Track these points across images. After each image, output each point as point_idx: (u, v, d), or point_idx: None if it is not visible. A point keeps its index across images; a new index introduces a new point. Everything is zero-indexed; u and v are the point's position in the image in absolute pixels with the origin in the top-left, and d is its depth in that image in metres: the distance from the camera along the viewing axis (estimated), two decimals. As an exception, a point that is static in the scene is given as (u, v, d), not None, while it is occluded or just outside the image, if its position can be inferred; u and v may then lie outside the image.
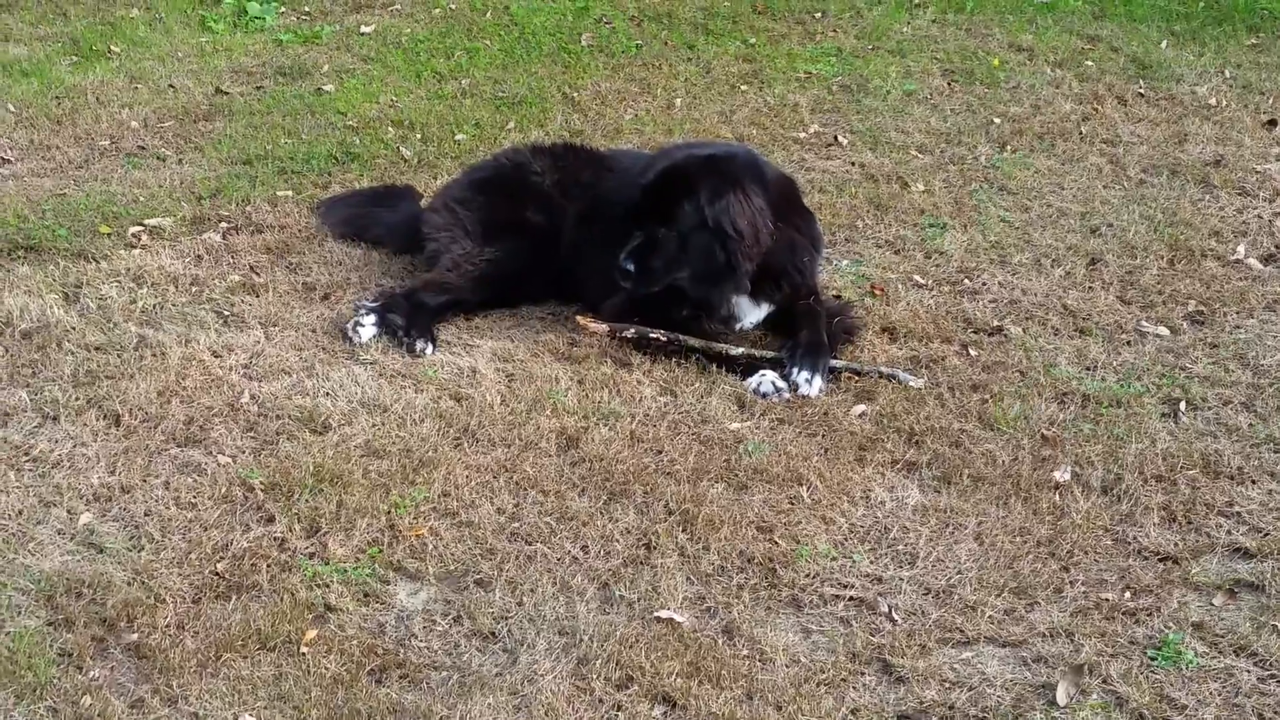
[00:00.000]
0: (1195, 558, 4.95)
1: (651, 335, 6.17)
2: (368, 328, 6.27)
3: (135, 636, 4.53)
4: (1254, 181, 7.93)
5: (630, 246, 6.11)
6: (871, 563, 4.95)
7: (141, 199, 7.62)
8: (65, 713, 4.26)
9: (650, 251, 6.10)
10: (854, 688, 4.41)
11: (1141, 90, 9.30)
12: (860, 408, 5.81)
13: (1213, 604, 4.74)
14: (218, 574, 4.81)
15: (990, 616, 4.67)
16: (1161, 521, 5.13)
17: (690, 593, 4.79)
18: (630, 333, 6.20)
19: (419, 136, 8.56)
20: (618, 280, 6.15)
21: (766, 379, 5.97)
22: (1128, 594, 4.78)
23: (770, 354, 6.15)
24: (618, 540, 5.02)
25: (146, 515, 5.11)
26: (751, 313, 6.36)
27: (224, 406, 5.74)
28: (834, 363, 6.07)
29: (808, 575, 4.87)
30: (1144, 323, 6.46)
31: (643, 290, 6.15)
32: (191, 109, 9.07)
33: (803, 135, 8.66)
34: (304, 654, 4.48)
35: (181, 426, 5.60)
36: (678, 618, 4.65)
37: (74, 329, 6.24)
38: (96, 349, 6.11)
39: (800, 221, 6.42)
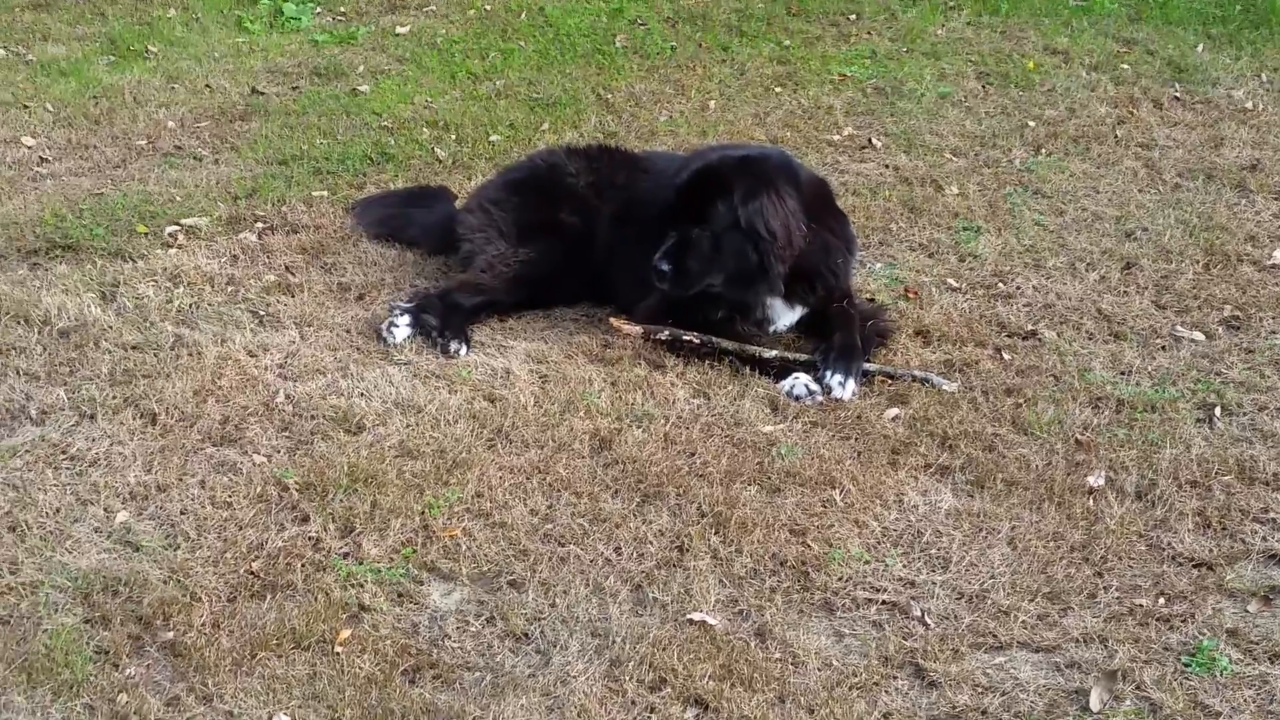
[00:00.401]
0: (1230, 564, 4.93)
1: (685, 337, 6.17)
2: (402, 328, 6.29)
3: (171, 634, 4.56)
4: (1290, 186, 7.90)
5: (665, 247, 6.11)
6: (904, 566, 4.95)
7: (178, 199, 7.66)
8: (101, 710, 4.29)
9: (685, 252, 6.10)
10: (886, 692, 4.41)
11: (1177, 94, 9.27)
12: (893, 411, 5.81)
13: (1247, 610, 4.73)
14: (253, 573, 4.84)
15: (1023, 621, 4.66)
16: (1196, 527, 5.12)
17: (723, 595, 4.79)
18: (664, 335, 6.21)
19: (454, 137, 8.58)
20: (653, 281, 6.15)
21: (800, 381, 5.96)
22: (1162, 600, 4.76)
23: (803, 357, 6.15)
24: (651, 542, 5.02)
25: (182, 514, 5.14)
26: (785, 315, 6.35)
27: (259, 406, 5.77)
28: (867, 366, 6.07)
29: (840, 579, 4.87)
30: (1179, 327, 6.44)
31: (678, 292, 6.15)
32: (228, 109, 9.12)
33: (837, 138, 8.65)
34: (338, 653, 4.50)
35: (217, 426, 5.63)
36: (710, 620, 4.65)
37: (111, 328, 6.28)
38: (133, 348, 6.15)
39: (834, 223, 6.42)
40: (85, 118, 8.91)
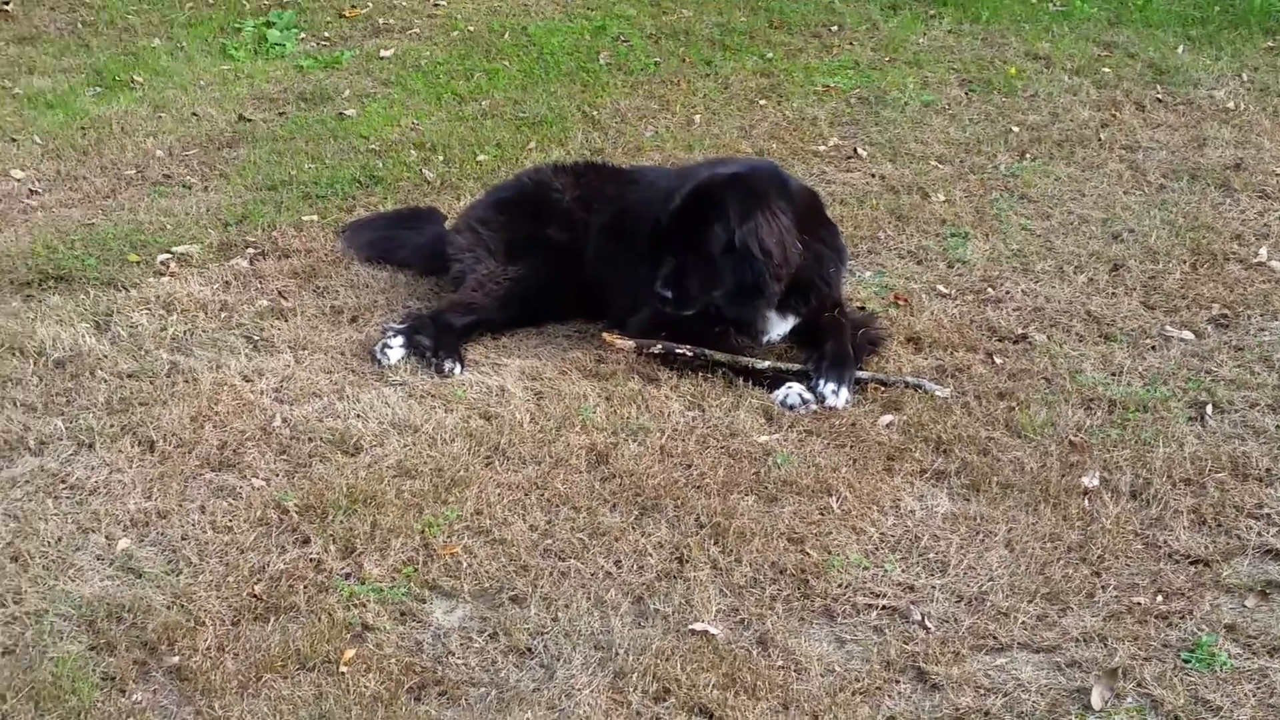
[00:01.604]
0: (1226, 560, 4.97)
1: (678, 351, 6.20)
2: (395, 349, 6.31)
3: (176, 659, 4.58)
4: (1274, 184, 7.93)
5: (664, 273, 6.13)
6: (903, 571, 4.98)
7: (169, 227, 7.68)
8: (109, 736, 4.32)
9: (684, 276, 6.13)
10: (889, 696, 4.44)
11: (1159, 95, 9.32)
12: (887, 418, 5.84)
13: (1245, 606, 4.77)
14: (255, 596, 4.86)
15: (1023, 622, 4.70)
16: (1191, 525, 5.15)
17: (724, 605, 4.82)
18: (657, 348, 6.24)
19: (441, 158, 8.61)
20: (656, 305, 6.18)
21: (793, 391, 5.99)
22: (1159, 597, 4.80)
23: (796, 366, 6.18)
24: (650, 554, 5.05)
25: (183, 539, 5.16)
26: (779, 326, 6.38)
27: (256, 430, 5.79)
28: (860, 374, 6.10)
29: (840, 585, 4.90)
30: (1168, 327, 6.48)
31: (681, 313, 6.18)
32: (215, 136, 9.13)
33: (822, 148, 8.69)
34: (343, 673, 4.52)
35: (215, 451, 5.66)
36: (712, 630, 4.68)
37: (106, 357, 6.30)
38: (129, 376, 6.16)
39: (824, 233, 6.45)
40: (74, 149, 8.92)
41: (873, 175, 8.29)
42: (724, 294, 6.18)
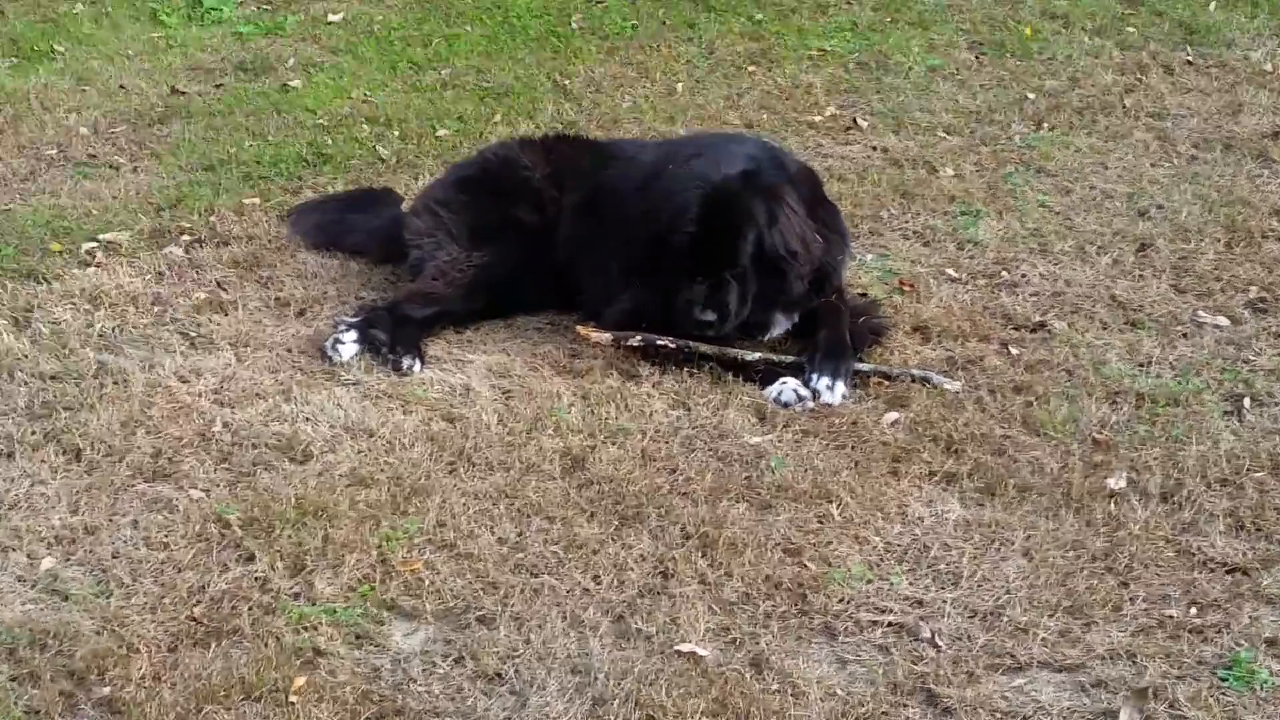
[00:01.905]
0: (1266, 568, 4.99)
1: (659, 343, 6.20)
2: (348, 345, 6.31)
3: (107, 690, 4.57)
4: (1317, 154, 8.00)
5: (698, 295, 6.14)
6: (911, 584, 5.00)
7: (95, 212, 7.67)
8: (34, 776, 4.32)
9: (723, 296, 6.15)
10: (897, 721, 4.46)
11: (1189, 57, 9.35)
12: (892, 415, 5.86)
13: (1287, 618, 4.81)
14: (195, 619, 4.85)
15: (1043, 639, 4.71)
16: (1228, 530, 5.18)
17: (713, 623, 4.83)
18: (636, 341, 6.24)
19: (397, 134, 8.61)
20: (692, 330, 6.18)
21: (788, 387, 6.00)
22: (1193, 610, 4.82)
23: (789, 359, 6.19)
24: (632, 569, 5.06)
25: (114, 558, 5.15)
26: (783, 322, 6.43)
27: (194, 436, 5.79)
28: (861, 366, 6.11)
29: (841, 600, 4.91)
30: (1201, 312, 6.51)
31: (725, 331, 6.20)
32: (145, 111, 9.12)
33: (818, 119, 8.71)
34: (293, 703, 4.51)
35: (149, 460, 5.65)
36: (700, 651, 4.69)
37: (26, 357, 6.29)
38: (52, 378, 6.15)
39: (826, 216, 6.49)
40: (-13, 127, 8.92)
41: (874, 148, 8.31)
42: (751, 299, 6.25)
